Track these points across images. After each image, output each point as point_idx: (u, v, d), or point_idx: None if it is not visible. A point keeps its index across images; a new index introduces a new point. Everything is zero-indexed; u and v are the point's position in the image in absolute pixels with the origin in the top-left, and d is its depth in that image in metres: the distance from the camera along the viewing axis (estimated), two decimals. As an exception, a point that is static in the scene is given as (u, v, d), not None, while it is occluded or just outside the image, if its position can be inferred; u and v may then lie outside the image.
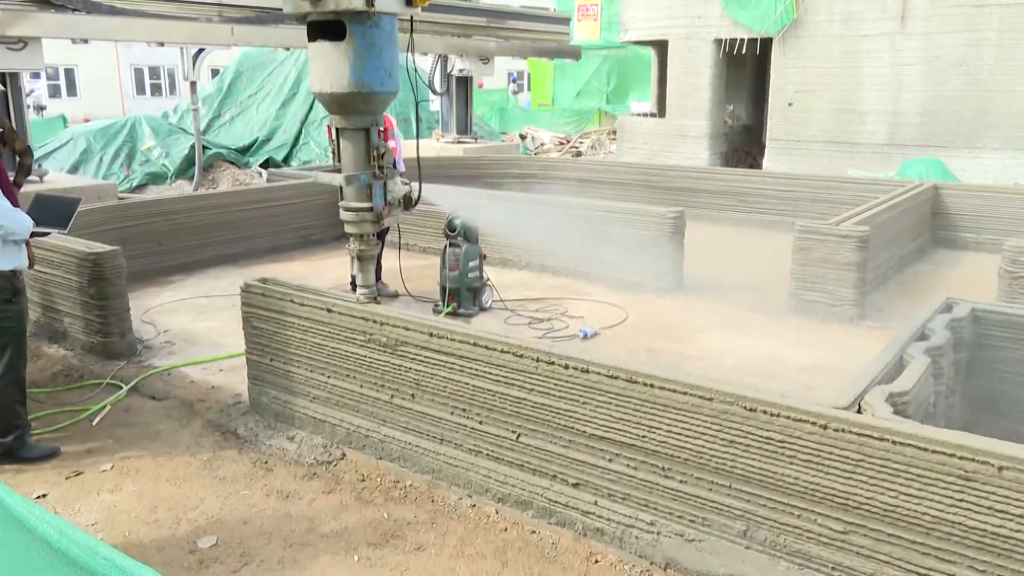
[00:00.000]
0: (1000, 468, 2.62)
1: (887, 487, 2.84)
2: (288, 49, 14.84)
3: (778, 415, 3.05)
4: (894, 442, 2.81)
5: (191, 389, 5.35)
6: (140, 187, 14.80)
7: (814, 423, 2.97)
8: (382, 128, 4.55)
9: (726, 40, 16.21)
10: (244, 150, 16.94)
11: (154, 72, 34.59)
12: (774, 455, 3.08)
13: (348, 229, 4.59)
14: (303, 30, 4.24)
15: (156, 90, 34.65)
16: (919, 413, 3.34)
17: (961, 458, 2.69)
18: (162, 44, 10.60)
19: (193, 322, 6.80)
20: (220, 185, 14.86)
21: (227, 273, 8.40)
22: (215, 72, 24.04)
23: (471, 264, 6.90)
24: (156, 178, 15.09)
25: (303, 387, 4.61)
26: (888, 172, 13.56)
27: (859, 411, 3.06)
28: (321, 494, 4.08)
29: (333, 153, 4.54)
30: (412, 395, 4.14)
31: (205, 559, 3.52)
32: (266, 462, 4.42)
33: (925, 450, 2.75)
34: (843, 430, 2.91)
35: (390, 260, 6.91)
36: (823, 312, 6.90)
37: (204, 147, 14.76)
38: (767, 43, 15.70)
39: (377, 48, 4.13)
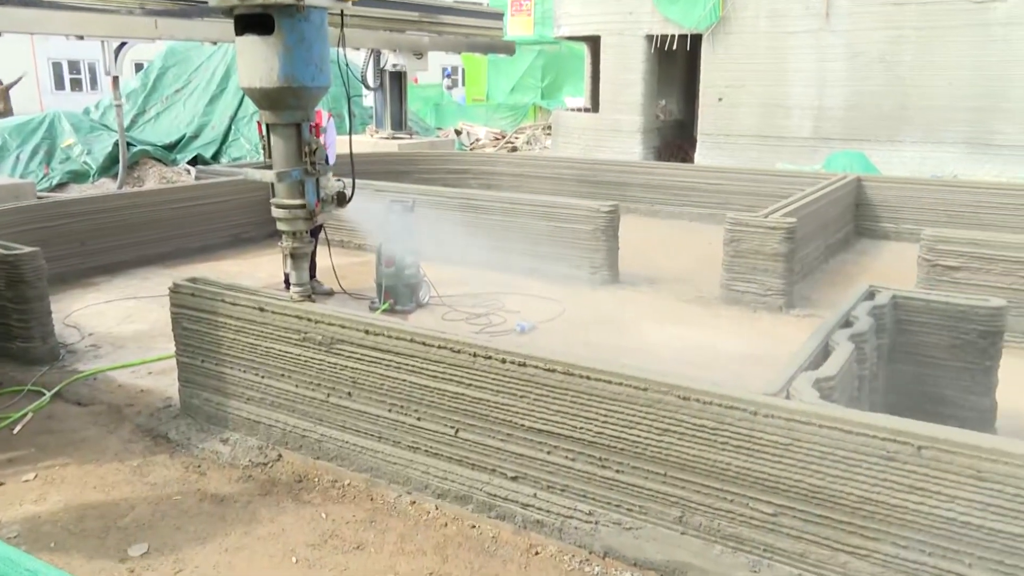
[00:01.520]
0: (919, 448, 2.74)
1: (814, 469, 2.94)
2: (215, 43, 14.48)
3: (711, 403, 3.12)
4: (820, 426, 2.90)
5: (119, 393, 5.19)
6: (61, 186, 14.24)
7: (745, 410, 3.05)
8: (314, 124, 4.48)
9: (657, 36, 16.45)
10: (171, 147, 16.47)
11: (74, 66, 33.27)
12: (707, 442, 3.15)
13: (280, 227, 4.51)
14: (230, 24, 4.14)
15: (76, 85, 33.35)
16: (844, 397, 3.46)
17: (883, 439, 2.80)
18: (81, 37, 10.23)
19: (120, 325, 6.59)
20: (146, 183, 14.41)
21: (155, 274, 8.17)
22: (139, 67, 23.32)
23: (407, 260, 6.86)
24: (78, 176, 14.54)
25: (236, 388, 4.52)
26: (814, 165, 13.97)
27: (787, 397, 3.15)
28: (257, 496, 4.01)
29: (264, 149, 4.45)
30: (349, 393, 4.10)
31: (137, 568, 3.43)
32: (199, 466, 4.32)
33: (849, 432, 2.85)
34: (772, 416, 2.99)
35: (325, 258, 6.82)
36: (753, 302, 7.09)
37: (128, 144, 14.30)
38: (697, 39, 16.00)
39: (307, 42, 4.07)
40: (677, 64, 18.07)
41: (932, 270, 6.42)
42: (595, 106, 18.42)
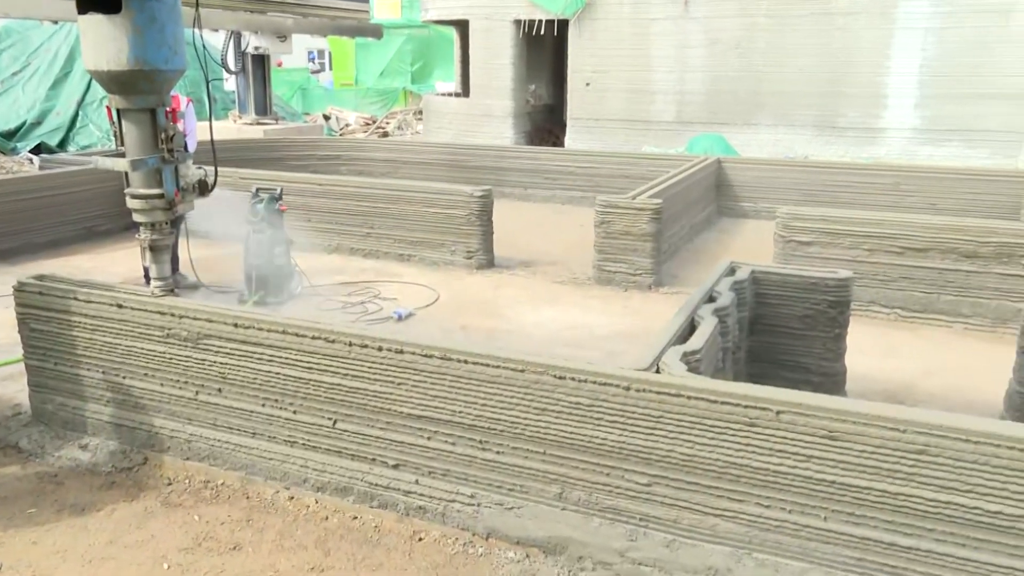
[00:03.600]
0: (778, 412, 2.91)
1: (684, 439, 3.07)
2: (57, 22, 13.50)
3: (585, 381, 3.20)
4: (688, 397, 3.03)
5: (-40, 403, 4.79)
6: None
7: (618, 385, 3.14)
8: (170, 109, 4.26)
9: (525, 21, 16.60)
10: (10, 135, 15.25)
11: None
12: (583, 419, 3.23)
13: (137, 218, 4.28)
14: (71, 1, 3.87)
15: None
16: (710, 369, 3.62)
17: (746, 407, 2.95)
18: (-101, 14, 9.29)
19: (-42, 328, 6.07)
20: (-17, 174, 13.30)
21: (-2, 272, 7.57)
22: (-30, 47, 21.38)
23: (277, 250, 6.65)
24: (-100, 168, 13.25)
25: (95, 391, 4.25)
26: (678, 148, 14.54)
27: (658, 371, 3.27)
28: (122, 503, 3.81)
29: (115, 136, 4.20)
30: (219, 390, 3.94)
31: (-12, 588, 3.19)
32: (55, 475, 4.05)
33: (715, 402, 2.99)
34: (644, 390, 3.10)
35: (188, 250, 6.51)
36: (624, 281, 7.31)
37: (-40, 132, 13.14)
38: (564, 24, 16.26)
39: (159, 23, 3.86)
40: (545, 49, 18.31)
41: (787, 246, 6.82)
42: (466, 91, 18.42)
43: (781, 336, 4.63)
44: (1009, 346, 4.76)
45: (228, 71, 14.85)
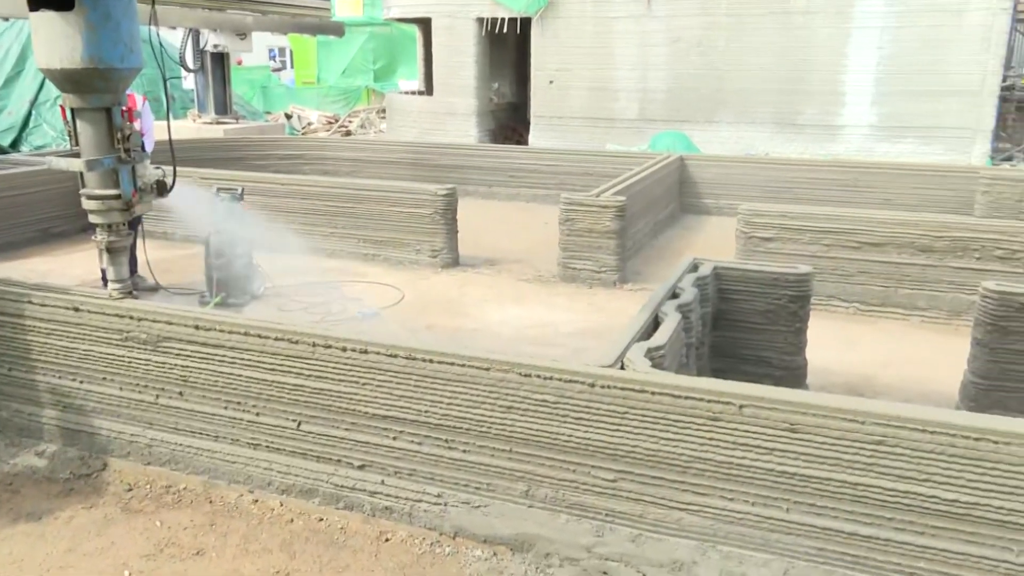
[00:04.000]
0: (741, 407, 2.94)
1: (649, 434, 3.09)
2: (7, 19, 13.17)
3: (551, 378, 3.21)
4: (653, 393, 3.06)
5: (-90, 411, 4.65)
6: None
7: (583, 382, 3.16)
8: (127, 108, 4.18)
9: (488, 19, 16.58)
10: (-39, 136, 14.87)
11: None
12: (549, 416, 3.24)
13: (93, 219, 4.18)
14: (22, -3, 3.77)
15: None
16: (674, 364, 3.66)
17: (709, 401, 2.99)
18: None
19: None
20: (-67, 176, 12.91)
21: (-51, 276, 7.36)
22: (-83, 45, 20.76)
23: (239, 250, 6.56)
24: None
25: (51, 396, 4.16)
26: (641, 145, 14.64)
27: (622, 368, 3.29)
28: (81, 510, 3.73)
29: (70, 136, 4.10)
30: (180, 393, 3.88)
31: (-59, 600, 3.11)
32: (11, 483, 3.96)
33: (679, 397, 3.02)
34: (608, 387, 3.12)
35: (148, 251, 6.40)
36: (589, 278, 7.34)
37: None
38: (527, 22, 16.27)
39: (113, 20, 3.77)
40: (509, 47, 18.31)
41: (749, 241, 6.90)
42: (429, 89, 18.36)
43: (743, 331, 4.68)
44: (964, 337, 4.87)
45: (187, 69, 14.62)
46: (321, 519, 3.64)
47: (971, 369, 4.58)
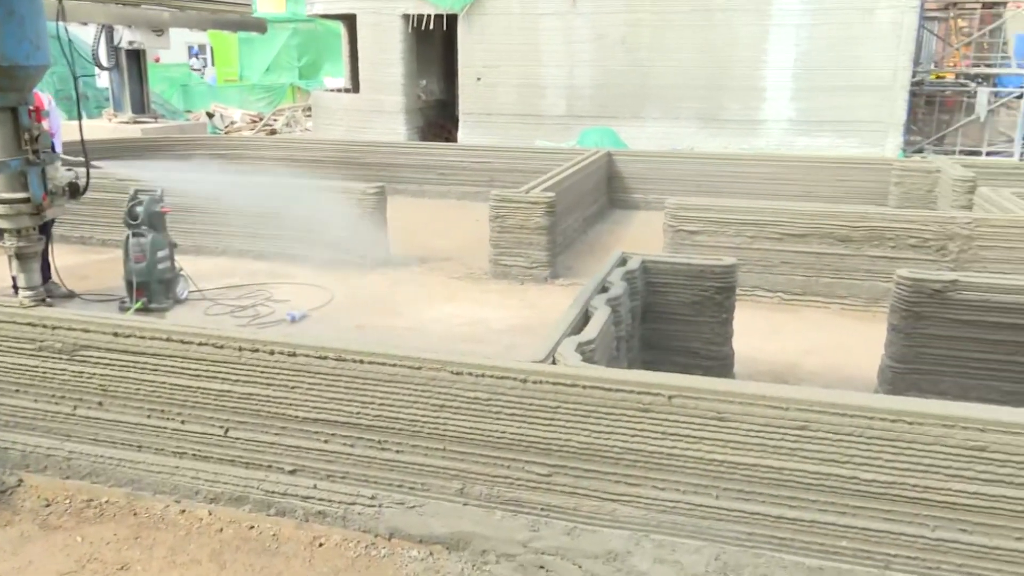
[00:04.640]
0: (670, 397, 2.99)
1: (581, 428, 3.12)
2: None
3: (482, 375, 3.20)
4: (584, 386, 3.08)
5: None
6: None
7: (515, 378, 3.16)
8: (34, 107, 4.01)
9: (414, 15, 16.45)
10: None
11: None
12: (482, 413, 3.23)
13: (2, 224, 4.01)
14: (-85, -9, 3.58)
15: None
16: (604, 358, 3.69)
17: (639, 393, 3.03)
18: None
19: None
20: None
21: None
22: None
23: (160, 254, 6.35)
24: None
25: (-40, 410, 3.96)
26: (569, 141, 14.75)
27: (554, 362, 3.31)
28: (-5, 529, 3.57)
29: (-28, 137, 3.91)
30: (99, 403, 3.74)
31: None
32: (-82, 504, 3.76)
33: (610, 390, 3.05)
34: (541, 382, 3.13)
35: (61, 256, 6.15)
36: (520, 274, 7.37)
37: None
38: (454, 19, 16.21)
39: (17, 15, 3.62)
40: (436, 44, 18.22)
41: (676, 235, 7.02)
42: (356, 87, 18.13)
43: (672, 323, 4.76)
44: (881, 324, 5.05)
45: (100, 67, 14.07)
46: (252, 527, 3.56)
47: (888, 354, 4.76)
